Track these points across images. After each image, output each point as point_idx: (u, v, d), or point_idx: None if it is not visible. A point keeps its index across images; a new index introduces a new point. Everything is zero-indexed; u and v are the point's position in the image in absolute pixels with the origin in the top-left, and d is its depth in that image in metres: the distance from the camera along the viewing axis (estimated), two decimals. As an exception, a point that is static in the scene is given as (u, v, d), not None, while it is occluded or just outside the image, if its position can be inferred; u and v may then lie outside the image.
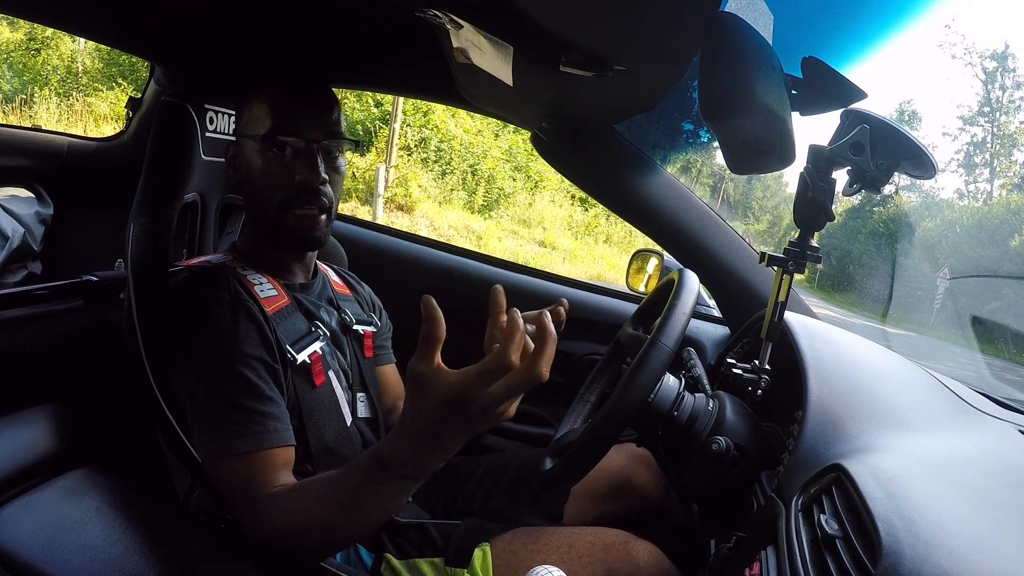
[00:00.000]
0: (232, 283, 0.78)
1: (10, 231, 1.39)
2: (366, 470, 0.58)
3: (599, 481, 1.00)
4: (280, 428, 0.72)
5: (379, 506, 0.61)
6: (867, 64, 0.81)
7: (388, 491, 0.59)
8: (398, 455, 0.56)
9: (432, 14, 0.65)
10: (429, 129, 9.12)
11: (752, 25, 0.62)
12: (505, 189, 9.70)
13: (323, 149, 0.82)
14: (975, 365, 1.90)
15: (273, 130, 0.80)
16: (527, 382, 0.50)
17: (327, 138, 0.82)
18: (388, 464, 0.57)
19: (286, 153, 0.81)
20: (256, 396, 0.71)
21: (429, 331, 0.51)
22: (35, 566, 0.59)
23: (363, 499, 0.59)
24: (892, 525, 0.47)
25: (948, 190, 28.50)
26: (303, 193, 0.81)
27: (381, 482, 0.58)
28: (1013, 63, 22.56)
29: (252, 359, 0.73)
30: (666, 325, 0.70)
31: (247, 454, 0.68)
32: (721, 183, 24.48)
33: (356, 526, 0.63)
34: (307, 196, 0.82)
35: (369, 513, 0.61)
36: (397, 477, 0.57)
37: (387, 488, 0.58)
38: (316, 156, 0.81)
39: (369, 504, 0.60)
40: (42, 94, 8.25)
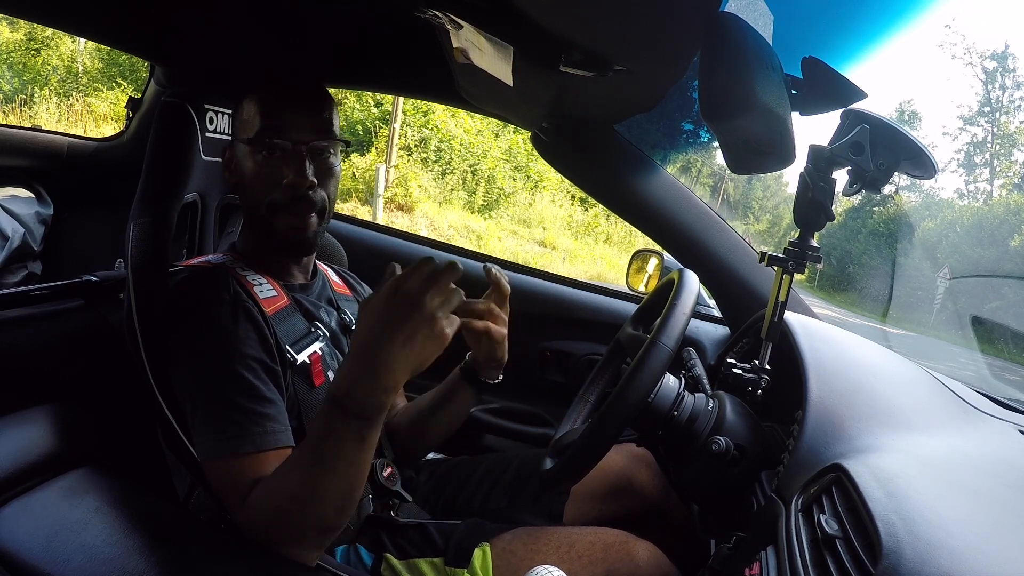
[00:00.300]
0: (232, 284, 0.78)
1: (10, 231, 1.39)
2: (321, 415, 0.61)
3: (599, 481, 1.00)
4: (278, 429, 0.72)
5: (342, 456, 0.60)
6: (867, 64, 0.81)
7: (346, 434, 0.59)
8: (344, 384, 0.58)
9: (432, 14, 0.65)
10: (429, 129, 9.12)
11: (752, 25, 0.62)
12: (505, 189, 9.70)
13: (312, 150, 0.81)
14: (975, 365, 1.90)
15: (261, 132, 0.80)
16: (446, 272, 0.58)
17: (316, 139, 0.81)
18: (338, 399, 0.59)
19: (275, 155, 0.80)
20: (254, 397, 0.71)
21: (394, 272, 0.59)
22: (35, 566, 0.59)
23: (325, 451, 0.60)
24: (892, 525, 0.47)
25: (948, 190, 28.49)
26: (293, 198, 0.81)
27: (337, 426, 0.59)
28: (1013, 63, 22.56)
29: (251, 360, 0.73)
30: (666, 325, 0.70)
31: (245, 455, 0.68)
32: (721, 183, 24.48)
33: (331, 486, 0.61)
34: (296, 200, 0.81)
35: (337, 468, 0.60)
36: (350, 415, 0.58)
37: (344, 431, 0.59)
38: (304, 158, 0.80)
39: (333, 456, 0.60)
40: (42, 94, 8.25)
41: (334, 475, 0.61)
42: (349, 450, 0.60)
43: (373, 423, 0.60)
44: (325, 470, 0.60)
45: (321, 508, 0.63)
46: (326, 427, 0.60)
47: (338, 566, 0.75)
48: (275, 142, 0.80)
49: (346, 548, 0.85)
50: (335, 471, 0.61)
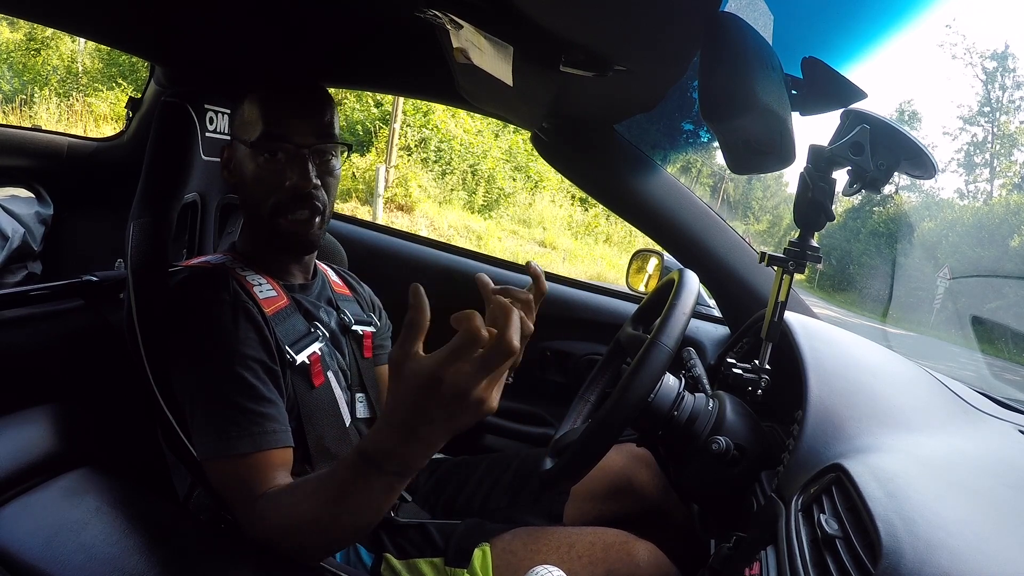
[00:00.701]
0: (231, 284, 0.78)
1: (10, 231, 1.39)
2: (351, 466, 0.57)
3: (599, 481, 1.00)
4: (278, 429, 0.72)
5: (367, 504, 0.59)
6: (867, 64, 0.81)
7: (375, 487, 0.57)
8: (382, 448, 0.55)
9: (432, 14, 0.65)
10: (429, 129, 9.12)
11: (752, 25, 0.62)
12: (505, 189, 9.70)
13: (314, 153, 0.82)
14: (975, 365, 1.90)
15: (263, 135, 0.80)
16: (498, 355, 0.49)
17: (318, 142, 0.81)
18: (372, 458, 0.55)
19: (277, 158, 0.80)
20: (254, 397, 0.71)
21: (413, 318, 0.50)
22: (35, 566, 0.59)
23: (351, 496, 0.58)
24: (892, 525, 0.47)
25: (948, 190, 28.52)
26: (295, 198, 0.81)
27: (367, 478, 0.56)
28: (1013, 63, 22.56)
29: (251, 360, 0.73)
30: (666, 325, 0.70)
31: (245, 455, 0.68)
32: (721, 183, 24.48)
33: (347, 524, 0.61)
34: (299, 201, 0.81)
35: (359, 511, 0.59)
36: (383, 472, 0.56)
37: (374, 484, 0.57)
38: (307, 161, 0.80)
39: (357, 502, 0.58)
40: (42, 94, 8.25)
41: (353, 515, 0.60)
42: (376, 499, 0.58)
43: (404, 478, 0.58)
44: (345, 509, 0.59)
45: (333, 536, 0.62)
46: (354, 477, 0.57)
47: (338, 566, 0.75)
48: (278, 145, 0.80)
49: (346, 548, 0.85)
50: (355, 513, 0.60)
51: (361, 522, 0.61)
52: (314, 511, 0.61)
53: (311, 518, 0.61)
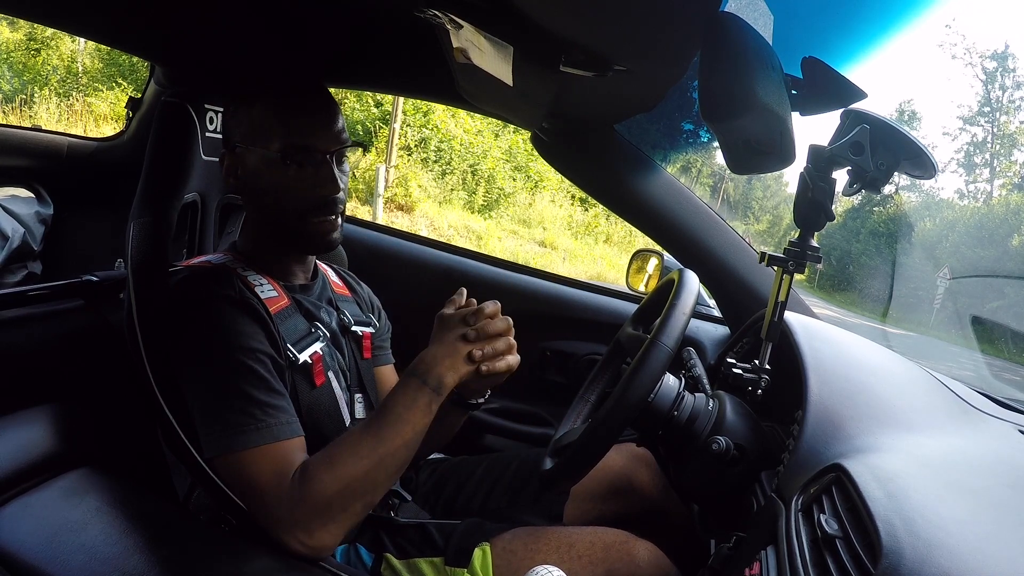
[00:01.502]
0: (236, 282, 0.78)
1: (10, 231, 1.39)
2: (400, 386, 0.74)
3: (599, 481, 1.00)
4: (292, 421, 0.73)
5: (412, 424, 0.72)
6: (867, 64, 0.81)
7: (420, 402, 0.72)
8: (423, 364, 0.74)
9: (432, 14, 0.65)
10: (429, 129, 9.12)
11: (752, 25, 0.62)
12: (505, 189, 9.70)
13: (336, 157, 0.82)
14: (975, 365, 1.90)
15: (289, 146, 0.79)
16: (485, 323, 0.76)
17: (339, 146, 0.82)
18: (419, 372, 0.74)
19: (304, 167, 0.80)
20: (266, 389, 0.72)
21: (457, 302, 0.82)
22: (35, 566, 0.59)
23: (401, 417, 0.72)
24: (892, 525, 0.47)
25: (948, 190, 28.54)
26: (324, 202, 0.82)
27: (415, 393, 0.72)
28: (1013, 63, 22.55)
29: (260, 353, 0.73)
30: (666, 325, 0.70)
31: (264, 446, 0.69)
32: (721, 183, 24.49)
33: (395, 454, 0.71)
34: (328, 204, 0.82)
35: (405, 435, 0.71)
36: (427, 385, 0.73)
37: (419, 399, 0.72)
38: (332, 167, 0.81)
39: (405, 421, 0.71)
40: (42, 94, 8.24)
41: (400, 441, 0.71)
42: (419, 418, 0.72)
43: (440, 396, 0.73)
44: (396, 435, 0.71)
45: (382, 475, 0.71)
46: (402, 395, 0.73)
47: (338, 566, 0.75)
48: (306, 155, 0.80)
49: (346, 548, 0.85)
50: (403, 437, 0.71)
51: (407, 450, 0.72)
52: (369, 445, 0.70)
53: (365, 455, 0.69)
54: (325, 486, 0.67)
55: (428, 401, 0.72)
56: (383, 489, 0.72)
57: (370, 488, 0.70)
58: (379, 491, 0.72)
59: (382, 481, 0.71)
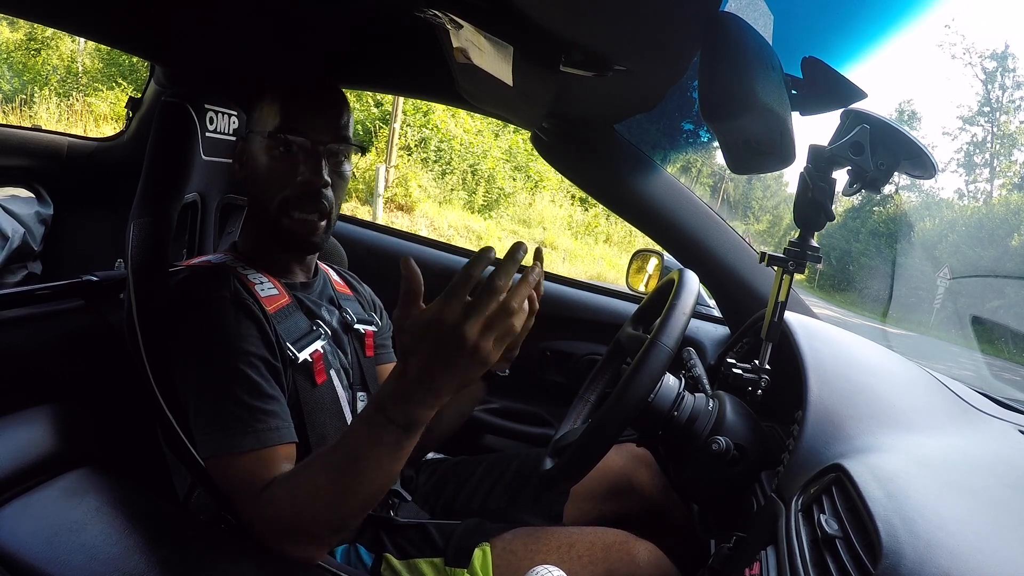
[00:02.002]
0: (232, 282, 0.78)
1: (10, 231, 1.39)
2: (363, 420, 0.61)
3: (599, 481, 1.00)
4: (282, 426, 0.72)
5: (379, 460, 0.61)
6: (867, 64, 0.81)
7: (385, 440, 0.59)
8: (391, 397, 0.58)
9: (432, 14, 0.65)
10: (429, 129, 9.12)
11: (752, 25, 0.62)
12: (505, 189, 9.69)
13: (328, 152, 0.82)
14: (975, 365, 1.90)
15: (280, 128, 0.80)
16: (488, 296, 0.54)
17: (333, 141, 0.82)
18: (382, 406, 0.59)
19: (291, 152, 0.81)
20: (257, 394, 0.71)
21: (407, 287, 0.56)
22: (35, 566, 0.59)
23: (363, 453, 0.60)
24: (892, 525, 0.47)
25: (948, 190, 28.54)
26: (304, 195, 0.81)
27: (378, 430, 0.59)
28: (1013, 63, 22.55)
29: (253, 357, 0.73)
30: (666, 325, 0.70)
31: (249, 452, 0.69)
32: (721, 183, 24.48)
33: (360, 489, 0.62)
34: (308, 199, 0.82)
35: (371, 471, 0.61)
36: (393, 423, 0.59)
37: (384, 436, 0.59)
38: (320, 158, 0.81)
39: (368, 460, 0.60)
40: (42, 94, 8.24)
41: (365, 480, 0.61)
42: (385, 458, 0.61)
43: (413, 434, 0.61)
44: (357, 473, 0.61)
45: (344, 509, 0.63)
46: (366, 433, 0.60)
47: (338, 566, 0.75)
48: (294, 139, 0.80)
49: (346, 548, 0.85)
50: (367, 476, 0.61)
51: (374, 486, 0.62)
52: (327, 479, 0.62)
53: (325, 489, 0.62)
54: (282, 510, 0.64)
55: (396, 439, 0.60)
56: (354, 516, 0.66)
57: (334, 516, 0.64)
58: (348, 518, 0.65)
59: (349, 511, 0.64)
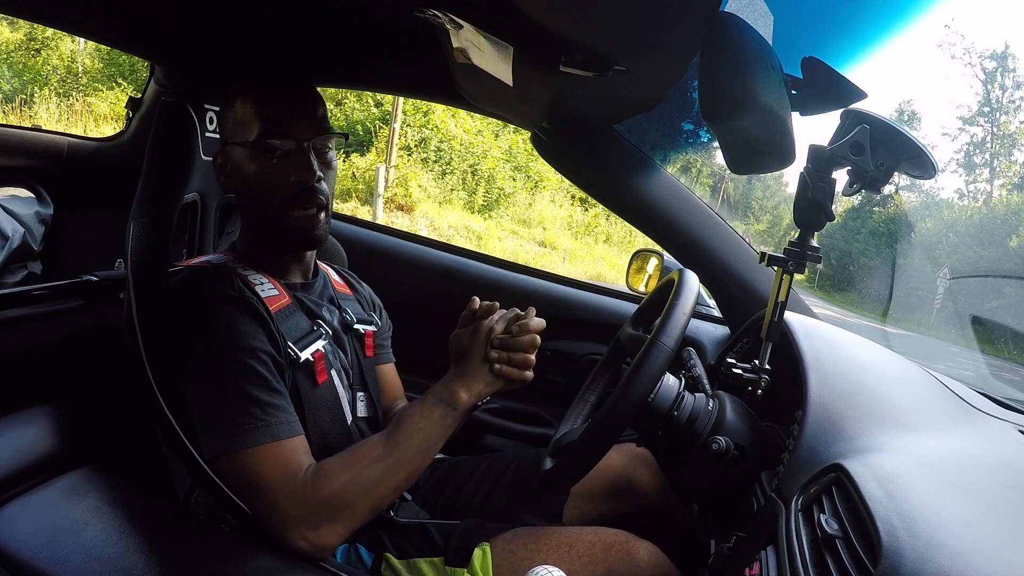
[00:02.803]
0: (235, 281, 0.78)
1: (10, 231, 1.39)
2: (419, 403, 0.78)
3: (599, 481, 1.00)
4: (292, 420, 0.73)
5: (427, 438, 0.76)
6: (867, 64, 0.81)
7: (436, 419, 0.77)
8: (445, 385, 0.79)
9: (432, 14, 0.65)
10: (429, 129, 9.12)
11: (752, 25, 0.62)
12: (505, 189, 9.69)
13: (314, 146, 0.82)
14: (975, 365, 1.90)
15: (263, 134, 0.80)
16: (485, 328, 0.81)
17: (316, 135, 0.82)
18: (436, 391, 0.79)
19: (279, 155, 0.81)
20: (267, 388, 0.72)
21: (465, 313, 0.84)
22: (35, 566, 0.59)
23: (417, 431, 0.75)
24: (892, 525, 0.47)
25: (948, 190, 28.55)
26: (301, 194, 0.81)
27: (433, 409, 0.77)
28: (1013, 63, 22.54)
29: (260, 352, 0.73)
30: (666, 325, 0.70)
31: (264, 445, 0.69)
32: (721, 183, 24.48)
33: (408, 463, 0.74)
34: (305, 196, 0.82)
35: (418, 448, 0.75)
36: (441, 402, 0.78)
37: (435, 414, 0.77)
38: (309, 154, 0.81)
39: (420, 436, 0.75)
40: (42, 94, 8.24)
41: (416, 453, 0.75)
42: (435, 431, 0.77)
43: (460, 414, 0.79)
44: (411, 447, 0.75)
45: (391, 482, 0.73)
46: (422, 410, 0.77)
47: (338, 566, 0.75)
48: (279, 143, 0.80)
49: (346, 548, 0.85)
50: (417, 449, 0.75)
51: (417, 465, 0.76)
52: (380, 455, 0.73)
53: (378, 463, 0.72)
54: (338, 484, 0.70)
55: (445, 420, 0.78)
56: (394, 493, 0.75)
57: (381, 492, 0.73)
58: (390, 494, 0.74)
59: (393, 485, 0.74)
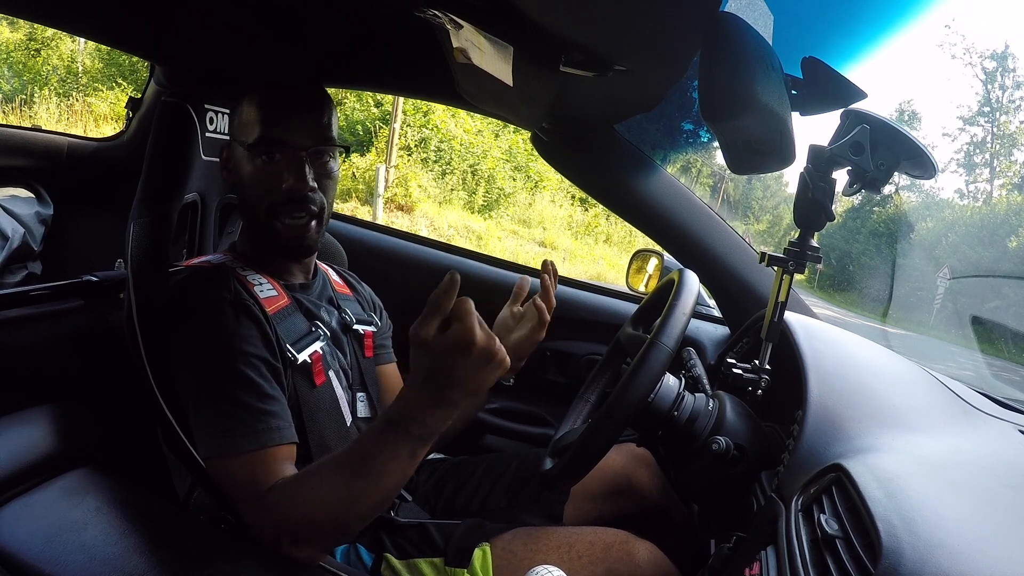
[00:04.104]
0: (232, 283, 0.78)
1: (10, 231, 1.39)
2: (379, 432, 0.62)
3: (599, 481, 1.00)
4: (282, 426, 0.72)
5: (393, 471, 0.62)
6: (867, 64, 0.81)
7: (401, 452, 0.62)
8: (408, 411, 0.60)
9: (432, 14, 0.65)
10: (429, 129, 9.12)
11: (752, 25, 0.62)
12: (505, 189, 9.69)
13: (311, 155, 0.81)
14: (975, 365, 1.90)
15: (261, 138, 0.80)
16: None
17: (315, 144, 0.81)
18: (399, 422, 0.61)
19: (274, 160, 0.80)
20: (258, 394, 0.71)
21: (438, 300, 0.57)
22: (35, 566, 0.59)
23: (376, 465, 0.62)
24: (892, 525, 0.47)
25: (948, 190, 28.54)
26: (291, 201, 0.81)
27: (394, 443, 0.62)
28: (1013, 63, 22.51)
29: (253, 357, 0.73)
30: (666, 325, 0.70)
31: (249, 452, 0.69)
32: (721, 183, 24.46)
33: (371, 498, 0.64)
34: (295, 204, 0.81)
35: (383, 480, 0.63)
36: (409, 436, 0.61)
37: (400, 450, 0.62)
38: (304, 164, 0.80)
39: (383, 468, 0.62)
40: (42, 94, 8.24)
41: (376, 487, 0.63)
42: (398, 466, 0.63)
43: (427, 443, 0.63)
44: (369, 481, 0.63)
45: (353, 515, 0.65)
46: (380, 442, 0.62)
47: (338, 566, 0.75)
48: (275, 148, 0.80)
49: (346, 548, 0.85)
50: (378, 484, 0.63)
51: (384, 493, 0.64)
52: (337, 487, 0.63)
53: (333, 496, 0.63)
54: (288, 514, 0.65)
55: (411, 449, 0.63)
56: (361, 522, 0.67)
57: (342, 522, 0.65)
58: (354, 524, 0.66)
59: (357, 518, 0.66)
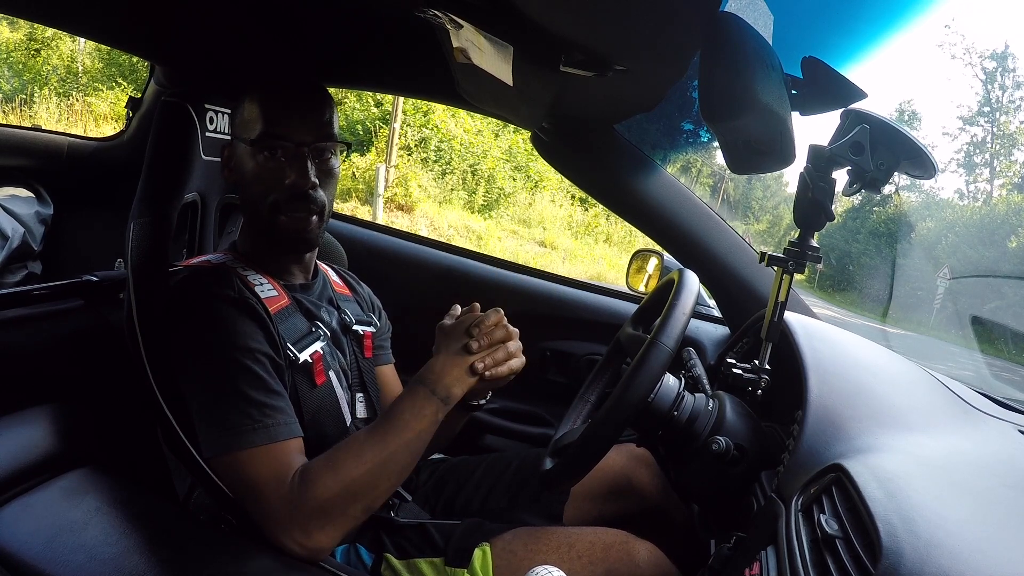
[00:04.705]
0: (235, 281, 0.78)
1: (10, 231, 1.39)
2: (407, 393, 0.75)
3: (599, 481, 1.00)
4: (289, 421, 0.73)
5: (418, 429, 0.73)
6: (867, 64, 0.81)
7: (427, 411, 0.74)
8: (432, 374, 0.76)
9: (432, 14, 0.65)
10: (429, 129, 9.11)
11: (752, 25, 0.62)
12: (505, 189, 9.69)
13: (314, 151, 0.82)
14: (975, 365, 1.90)
15: (263, 134, 0.80)
16: None
17: (317, 140, 0.82)
18: (428, 381, 0.75)
19: (277, 156, 0.81)
20: (264, 390, 0.72)
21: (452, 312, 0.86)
22: (35, 566, 0.59)
23: (404, 420, 0.73)
24: (892, 525, 0.47)
25: (948, 190, 28.54)
26: (293, 197, 0.81)
27: (422, 400, 0.74)
28: (1013, 63, 22.50)
29: (258, 353, 0.73)
30: (666, 325, 0.70)
31: (260, 447, 0.69)
32: (721, 183, 24.45)
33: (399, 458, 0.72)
34: (297, 200, 0.81)
35: (410, 439, 0.73)
36: (434, 394, 0.75)
37: (425, 408, 0.74)
38: (306, 160, 0.81)
39: (410, 425, 0.73)
40: (42, 94, 8.24)
41: (405, 448, 0.72)
42: (424, 426, 0.74)
43: (447, 407, 0.76)
44: (399, 440, 0.72)
45: (384, 479, 0.71)
46: (408, 400, 0.74)
47: (338, 566, 0.75)
48: (277, 144, 0.80)
49: (346, 548, 0.85)
50: (407, 443, 0.72)
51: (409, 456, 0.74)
52: (372, 449, 0.71)
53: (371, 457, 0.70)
54: (326, 488, 0.68)
55: (435, 410, 0.74)
56: (385, 494, 0.73)
57: (371, 492, 0.71)
58: (380, 496, 0.72)
59: (384, 486, 0.72)
